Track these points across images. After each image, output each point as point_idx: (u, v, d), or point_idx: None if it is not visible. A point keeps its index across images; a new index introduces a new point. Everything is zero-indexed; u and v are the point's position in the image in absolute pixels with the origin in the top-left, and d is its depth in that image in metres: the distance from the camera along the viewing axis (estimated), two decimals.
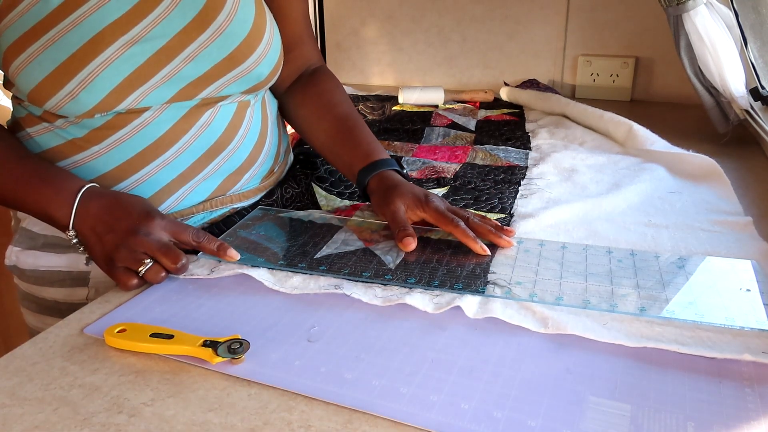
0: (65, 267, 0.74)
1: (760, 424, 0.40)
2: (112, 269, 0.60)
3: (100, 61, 0.61)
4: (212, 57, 0.67)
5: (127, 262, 0.60)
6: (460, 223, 0.66)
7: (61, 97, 0.61)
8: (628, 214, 0.75)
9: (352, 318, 0.55)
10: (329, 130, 0.80)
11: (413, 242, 0.65)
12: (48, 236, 0.73)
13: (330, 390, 0.45)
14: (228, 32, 0.67)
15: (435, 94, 1.41)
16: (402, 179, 0.74)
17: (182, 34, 0.65)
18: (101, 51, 0.61)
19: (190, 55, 0.66)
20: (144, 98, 0.65)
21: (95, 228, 0.61)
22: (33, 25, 0.60)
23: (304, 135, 0.85)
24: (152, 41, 0.63)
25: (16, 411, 0.44)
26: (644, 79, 1.46)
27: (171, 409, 0.44)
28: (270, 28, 0.72)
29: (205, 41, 0.66)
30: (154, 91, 0.65)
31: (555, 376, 0.46)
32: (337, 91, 0.84)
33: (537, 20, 1.53)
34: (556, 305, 0.55)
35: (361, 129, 0.79)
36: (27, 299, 0.78)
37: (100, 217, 0.61)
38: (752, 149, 1.04)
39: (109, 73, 0.62)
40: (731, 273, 0.59)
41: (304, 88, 0.83)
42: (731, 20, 1.01)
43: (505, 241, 0.66)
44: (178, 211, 0.73)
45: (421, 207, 0.69)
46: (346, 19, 1.74)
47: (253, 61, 0.70)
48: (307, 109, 0.83)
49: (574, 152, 0.98)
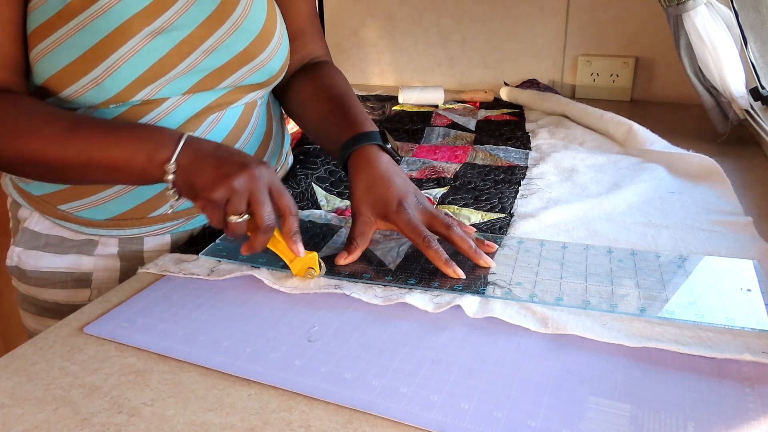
0: (67, 268, 0.74)
1: (760, 424, 0.40)
2: (207, 204, 0.58)
3: (127, 50, 0.61)
4: (229, 51, 0.68)
5: (226, 201, 0.57)
6: (432, 243, 0.61)
7: (84, 83, 0.61)
8: (628, 214, 0.75)
9: (352, 318, 0.55)
10: (321, 110, 0.77)
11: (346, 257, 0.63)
12: (50, 236, 0.73)
13: (330, 390, 0.45)
14: (243, 27, 0.68)
15: (435, 94, 1.41)
16: (381, 165, 0.66)
17: (201, 28, 0.66)
18: (127, 40, 0.61)
19: (209, 48, 0.67)
20: (163, 88, 0.65)
21: (204, 160, 0.58)
22: (59, 10, 0.60)
23: (299, 120, 0.83)
24: (174, 33, 0.64)
25: (16, 411, 0.44)
26: (644, 79, 1.46)
27: (171, 409, 0.44)
28: (280, 24, 0.74)
29: (222, 35, 0.67)
30: (174, 82, 0.66)
31: (555, 376, 0.46)
32: (335, 76, 0.81)
33: (537, 20, 1.52)
34: (556, 306, 0.55)
35: (351, 104, 0.74)
36: (27, 302, 0.78)
37: (210, 153, 0.59)
38: (752, 149, 1.04)
39: (134, 62, 0.62)
40: (731, 273, 0.59)
41: (302, 76, 0.82)
42: (731, 20, 1.01)
43: (483, 261, 0.61)
44: (183, 210, 0.73)
45: (389, 216, 0.63)
46: (346, 19, 1.74)
47: (266, 55, 0.71)
48: (303, 93, 0.81)
49: (574, 152, 0.98)
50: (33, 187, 0.71)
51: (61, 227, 0.73)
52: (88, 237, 0.73)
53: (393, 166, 0.67)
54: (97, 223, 0.71)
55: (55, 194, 0.70)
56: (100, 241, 0.73)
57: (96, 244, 0.73)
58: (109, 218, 0.71)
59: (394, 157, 0.69)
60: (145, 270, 0.64)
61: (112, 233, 0.72)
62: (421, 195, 0.66)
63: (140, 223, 0.72)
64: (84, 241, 0.73)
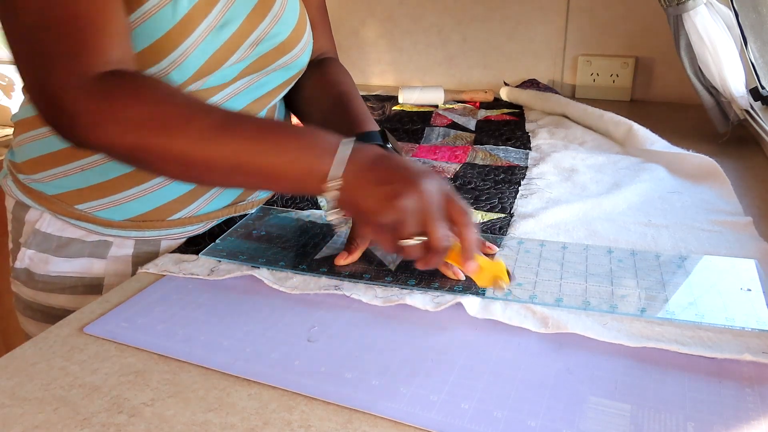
0: (77, 272, 0.72)
1: (760, 424, 0.40)
2: (376, 229, 0.54)
3: (191, 43, 0.61)
4: (271, 42, 0.69)
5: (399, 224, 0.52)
6: None
7: (151, 73, 0.61)
8: (628, 214, 0.75)
9: (352, 318, 0.55)
10: (324, 108, 0.77)
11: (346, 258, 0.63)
12: (62, 238, 0.71)
13: (330, 390, 0.45)
14: (282, 20, 0.70)
15: (435, 94, 1.41)
16: None
17: (248, 21, 0.67)
18: (191, 32, 0.61)
19: (255, 41, 0.68)
20: (214, 79, 0.66)
21: (368, 176, 0.53)
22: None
23: (301, 117, 0.83)
24: (227, 26, 0.65)
25: (16, 411, 0.44)
26: (644, 79, 1.46)
27: (171, 409, 0.44)
28: (307, 19, 0.76)
29: (266, 27, 0.68)
30: (223, 72, 0.66)
31: (555, 376, 0.46)
32: (341, 74, 0.81)
33: (537, 20, 1.52)
34: (556, 307, 0.55)
35: (354, 103, 0.74)
36: (30, 308, 0.75)
37: (373, 166, 0.53)
38: (752, 149, 1.04)
39: (197, 54, 0.62)
40: (732, 273, 0.59)
41: (309, 72, 0.82)
42: (731, 20, 1.01)
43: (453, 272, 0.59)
44: (204, 214, 0.72)
45: None
46: (346, 19, 1.74)
47: (300, 48, 0.73)
48: (308, 90, 0.81)
49: (574, 152, 0.98)
50: (47, 187, 0.70)
51: (75, 228, 0.70)
52: (103, 238, 0.71)
53: None
54: (116, 223, 0.70)
55: (73, 193, 0.69)
56: (115, 243, 0.72)
57: (110, 246, 0.71)
58: (128, 219, 0.70)
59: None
60: (145, 270, 0.64)
61: (130, 234, 0.71)
62: None
63: (159, 226, 0.71)
64: (97, 243, 0.71)
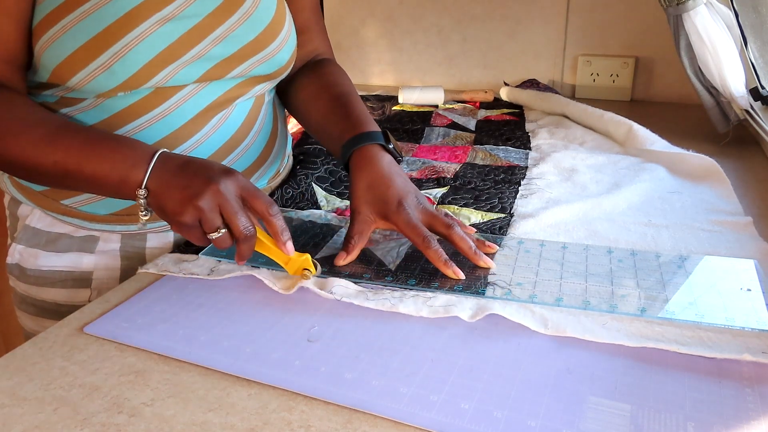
0: (67, 267, 0.73)
1: (760, 424, 0.40)
2: (182, 227, 0.58)
3: (135, 35, 0.61)
4: (239, 39, 0.69)
5: (200, 221, 0.57)
6: (432, 243, 0.61)
7: (92, 68, 0.61)
8: (628, 214, 0.75)
9: (352, 318, 0.55)
10: (323, 109, 0.77)
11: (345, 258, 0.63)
12: (51, 233, 0.73)
13: (330, 390, 0.45)
14: (254, 17, 0.69)
15: (435, 94, 1.41)
16: (382, 165, 0.66)
17: (212, 16, 0.66)
18: (136, 25, 0.61)
19: (219, 36, 0.67)
20: (174, 76, 0.65)
21: (171, 183, 0.58)
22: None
23: (300, 118, 0.83)
24: (185, 20, 0.64)
25: (16, 411, 0.44)
26: (644, 79, 1.46)
27: (171, 409, 0.44)
28: (288, 16, 0.75)
29: (233, 24, 0.68)
30: (184, 70, 0.66)
31: (555, 376, 0.46)
32: (339, 75, 0.82)
33: (537, 20, 1.53)
34: (556, 306, 0.55)
35: (354, 104, 0.75)
36: (25, 302, 0.77)
37: (177, 173, 0.58)
38: (752, 149, 1.04)
39: (143, 47, 0.62)
40: (731, 273, 0.59)
41: (306, 73, 0.83)
42: (731, 20, 1.01)
43: (483, 261, 0.61)
44: None
45: (389, 216, 0.64)
46: (346, 19, 1.74)
47: (276, 46, 0.72)
48: (306, 91, 0.81)
49: (574, 152, 0.98)
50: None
51: (63, 223, 0.73)
52: (90, 233, 0.73)
53: (394, 167, 0.67)
54: (100, 218, 0.71)
55: (58, 189, 0.70)
56: (102, 237, 0.73)
57: (97, 241, 0.73)
58: (112, 213, 0.71)
59: (396, 158, 0.69)
60: (145, 270, 0.64)
61: (115, 228, 0.72)
62: (421, 195, 0.66)
63: None
64: (85, 238, 0.73)
